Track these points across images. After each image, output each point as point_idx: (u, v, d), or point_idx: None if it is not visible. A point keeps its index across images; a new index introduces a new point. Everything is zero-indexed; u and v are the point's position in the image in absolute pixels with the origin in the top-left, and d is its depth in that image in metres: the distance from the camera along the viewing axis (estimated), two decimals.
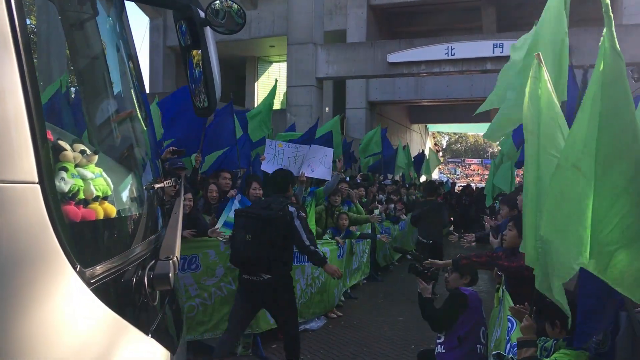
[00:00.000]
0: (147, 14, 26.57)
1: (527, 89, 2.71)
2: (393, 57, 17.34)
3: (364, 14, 23.24)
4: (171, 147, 5.79)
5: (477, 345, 4.14)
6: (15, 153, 1.15)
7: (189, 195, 5.83)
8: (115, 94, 2.16)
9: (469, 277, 4.46)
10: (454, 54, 16.54)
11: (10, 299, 1.14)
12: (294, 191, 7.87)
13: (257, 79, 30.26)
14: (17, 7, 1.19)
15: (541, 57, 2.66)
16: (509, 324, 3.89)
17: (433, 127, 39.95)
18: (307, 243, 4.76)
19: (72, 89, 1.93)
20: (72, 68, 1.94)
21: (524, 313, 3.64)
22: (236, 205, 6.48)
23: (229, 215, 6.36)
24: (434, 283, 4.42)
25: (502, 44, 16.23)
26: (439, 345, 4.23)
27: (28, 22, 1.42)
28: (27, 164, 1.17)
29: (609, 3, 2.11)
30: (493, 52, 16.21)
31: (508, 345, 3.67)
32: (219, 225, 6.20)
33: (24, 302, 1.16)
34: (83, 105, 1.88)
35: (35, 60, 1.27)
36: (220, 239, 5.91)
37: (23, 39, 1.20)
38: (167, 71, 26.77)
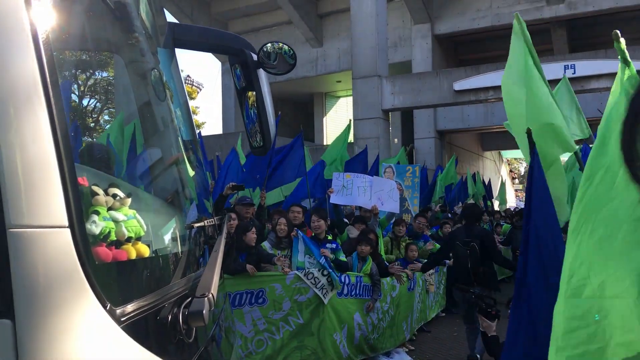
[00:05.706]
0: (218, 59, 27.72)
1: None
2: (459, 85, 17.12)
3: (429, 44, 23.15)
4: (231, 183, 5.97)
5: None
6: (45, 200, 1.24)
7: (253, 230, 6.03)
8: (160, 139, 2.27)
9: None
10: None
11: (42, 338, 1.21)
12: (368, 224, 7.85)
13: (326, 114, 30.71)
14: (47, 56, 1.28)
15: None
16: None
17: (507, 154, 38.73)
18: None
19: (117, 133, 2.05)
20: (116, 112, 2.07)
21: None
22: (300, 241, 6.51)
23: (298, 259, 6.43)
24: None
25: (574, 65, 15.70)
26: None
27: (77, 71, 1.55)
28: (57, 210, 1.25)
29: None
30: (564, 74, 15.69)
31: None
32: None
33: (56, 341, 1.23)
34: (126, 148, 2.00)
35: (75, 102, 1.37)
36: (285, 267, 6.07)
37: (53, 88, 1.28)
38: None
